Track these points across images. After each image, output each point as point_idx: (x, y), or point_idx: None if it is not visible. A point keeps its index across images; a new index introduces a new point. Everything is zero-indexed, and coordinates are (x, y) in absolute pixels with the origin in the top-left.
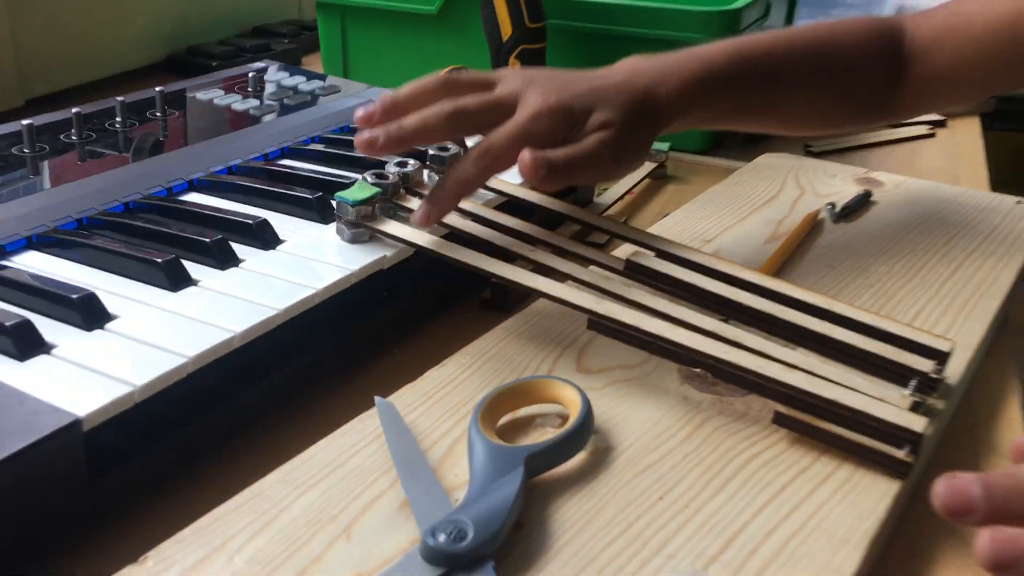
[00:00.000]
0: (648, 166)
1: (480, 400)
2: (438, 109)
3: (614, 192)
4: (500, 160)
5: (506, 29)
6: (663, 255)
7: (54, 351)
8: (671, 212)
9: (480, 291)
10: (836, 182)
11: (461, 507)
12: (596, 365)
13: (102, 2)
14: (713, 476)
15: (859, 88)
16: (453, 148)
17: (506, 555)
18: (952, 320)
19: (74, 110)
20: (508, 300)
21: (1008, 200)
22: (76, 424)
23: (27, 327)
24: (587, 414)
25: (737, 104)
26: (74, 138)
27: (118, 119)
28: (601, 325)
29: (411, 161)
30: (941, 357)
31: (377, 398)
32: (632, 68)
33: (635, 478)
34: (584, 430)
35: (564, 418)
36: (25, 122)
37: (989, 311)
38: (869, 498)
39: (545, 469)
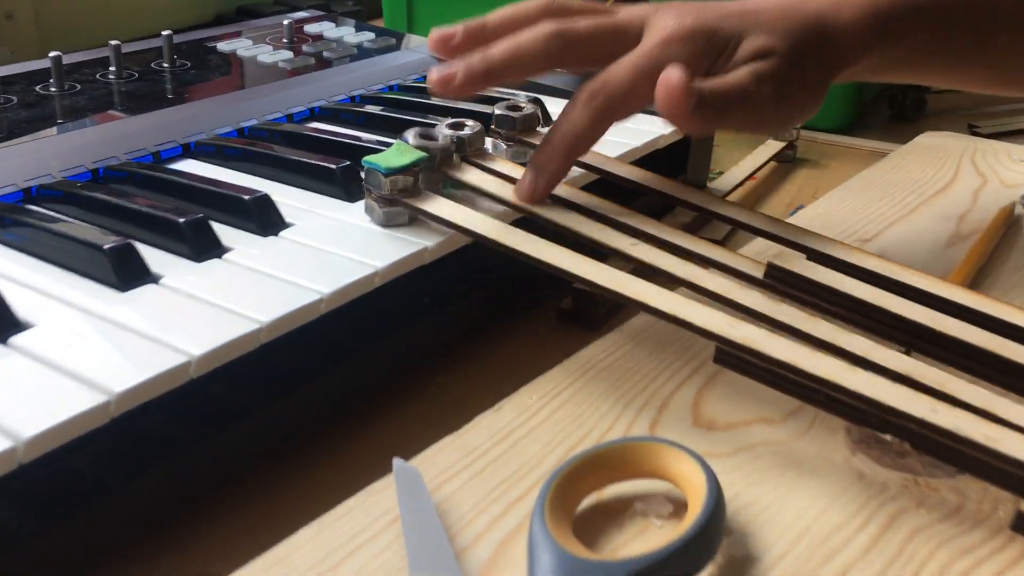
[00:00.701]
0: (774, 145)
1: (548, 480)
2: (536, 32)
3: (731, 177)
4: (624, 101)
5: None
6: (818, 257)
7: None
8: (805, 204)
9: (559, 300)
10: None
11: None
12: (723, 418)
13: None
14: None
15: None
16: (528, 107)
17: None
18: None
19: (52, 54)
20: (597, 314)
21: None
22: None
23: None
24: (717, 503)
25: (934, 41)
26: (53, 90)
27: (112, 68)
28: (734, 357)
29: (469, 122)
30: None
31: (396, 460)
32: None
33: None
34: (712, 530)
35: (678, 505)
36: None
37: None
38: None
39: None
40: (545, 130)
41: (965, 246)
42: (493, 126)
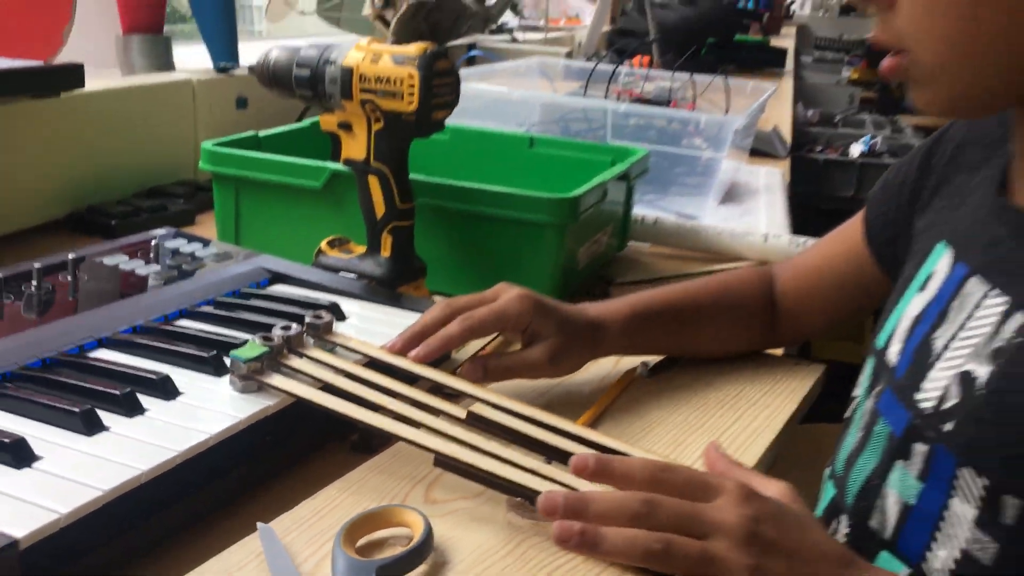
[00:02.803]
0: None
1: (343, 525)
2: (452, 327)
3: (468, 350)
4: (478, 330)
5: (380, 208)
6: (499, 408)
7: None
8: None
9: (349, 435)
10: None
11: None
12: (441, 496)
13: (4, 160)
14: None
15: (754, 325)
16: (327, 316)
17: None
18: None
19: None
20: (372, 443)
21: (789, 360)
22: (14, 544)
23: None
24: (427, 536)
25: (664, 335)
26: None
27: (34, 282)
28: (446, 463)
29: (294, 325)
30: None
31: (260, 524)
32: (587, 305)
33: None
34: (424, 549)
35: (410, 539)
36: None
37: (757, 453)
38: None
39: None
40: (341, 327)
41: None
42: (305, 328)
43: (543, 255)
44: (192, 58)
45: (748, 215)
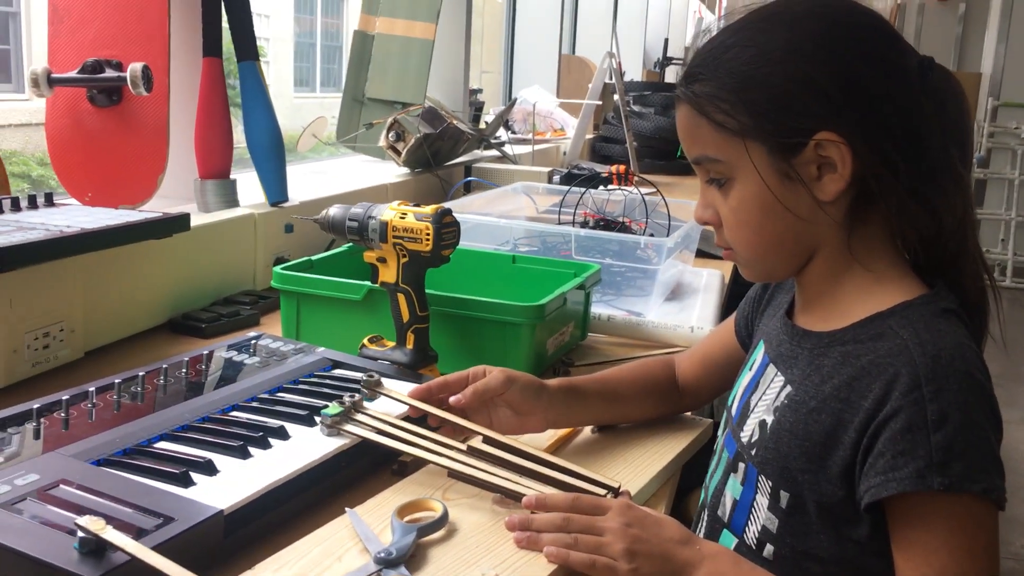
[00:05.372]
0: None
1: (395, 508)
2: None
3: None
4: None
5: (405, 315)
6: (488, 442)
7: (195, 485)
8: None
9: (391, 465)
10: None
11: (390, 544)
12: (453, 496)
13: (128, 279)
14: (497, 540)
15: (661, 397)
16: (376, 378)
17: (412, 567)
18: (632, 477)
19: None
20: (407, 469)
21: (688, 418)
22: (220, 512)
23: (209, 464)
24: (445, 513)
25: (592, 408)
26: (160, 381)
27: (183, 370)
28: (456, 475)
29: (356, 395)
30: (613, 490)
31: (347, 508)
32: (542, 383)
33: (467, 540)
34: (444, 520)
35: (434, 515)
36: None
37: (653, 473)
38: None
39: (426, 534)
40: (386, 390)
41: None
42: (363, 384)
43: (520, 345)
44: (249, 187)
45: (685, 311)
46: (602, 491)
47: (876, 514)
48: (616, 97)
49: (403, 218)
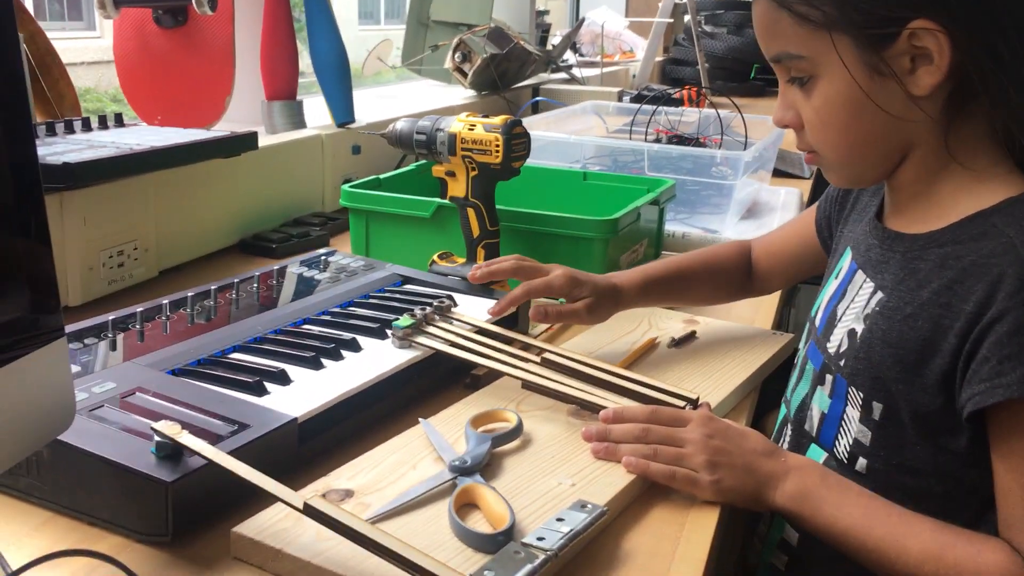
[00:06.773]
0: None
1: (469, 417)
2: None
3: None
4: (532, 293)
5: (475, 230)
6: (562, 355)
7: (274, 391)
8: (575, 337)
9: (463, 379)
10: (672, 323)
11: (464, 453)
12: (526, 408)
13: (199, 200)
14: (573, 451)
15: (732, 283)
16: (448, 302)
17: (487, 476)
18: (711, 390)
19: (212, 286)
20: (479, 383)
21: (767, 331)
22: (295, 420)
23: (283, 374)
24: (519, 424)
25: (669, 292)
26: (237, 294)
27: (255, 285)
28: (530, 386)
29: (428, 308)
30: (692, 402)
31: (421, 419)
32: (613, 274)
33: (542, 451)
34: (518, 430)
35: (509, 426)
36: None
37: (733, 387)
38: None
39: (501, 444)
40: (456, 310)
41: (627, 355)
42: (432, 310)
43: (593, 262)
44: (316, 111)
45: (762, 229)
46: (681, 403)
47: (976, 423)
48: (687, 17)
49: (472, 129)
